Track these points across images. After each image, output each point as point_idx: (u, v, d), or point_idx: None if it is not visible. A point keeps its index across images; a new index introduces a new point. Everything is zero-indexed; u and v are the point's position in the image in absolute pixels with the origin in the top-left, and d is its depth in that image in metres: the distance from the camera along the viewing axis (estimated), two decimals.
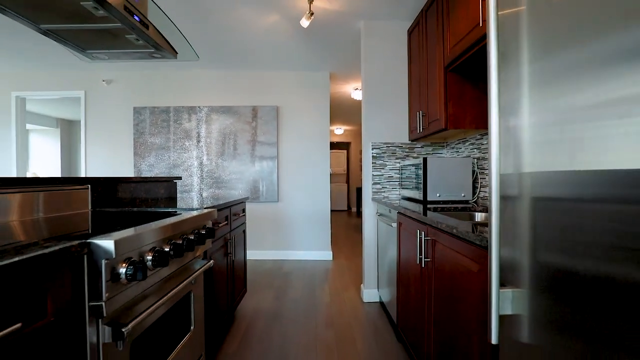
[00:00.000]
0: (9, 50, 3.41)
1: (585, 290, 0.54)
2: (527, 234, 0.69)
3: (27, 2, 1.01)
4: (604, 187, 0.51)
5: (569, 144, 0.57)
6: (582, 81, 0.55)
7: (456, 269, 1.17)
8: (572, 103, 0.57)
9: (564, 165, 0.59)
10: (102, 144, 4.06)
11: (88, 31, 1.21)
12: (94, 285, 0.80)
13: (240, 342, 2.03)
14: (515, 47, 0.72)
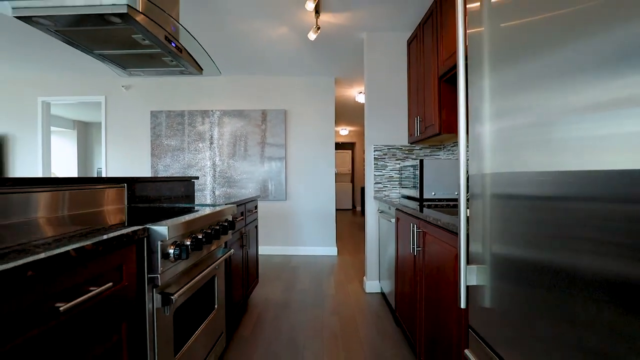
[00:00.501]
0: (36, 59, 3.68)
1: (523, 268, 0.75)
2: (486, 223, 0.90)
3: (89, 36, 1.24)
4: (547, 186, 0.71)
5: (520, 148, 0.78)
6: (527, 93, 0.76)
7: (440, 254, 1.38)
8: (521, 111, 0.78)
9: (515, 167, 0.80)
10: (121, 145, 4.33)
11: (132, 55, 1.45)
12: (151, 261, 1.03)
13: (253, 327, 2.26)
14: (479, 62, 0.91)
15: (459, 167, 0.95)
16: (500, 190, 0.82)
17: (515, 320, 0.76)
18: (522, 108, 0.73)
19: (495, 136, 0.84)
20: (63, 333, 0.70)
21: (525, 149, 0.73)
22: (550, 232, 0.65)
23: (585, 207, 0.55)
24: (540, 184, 0.68)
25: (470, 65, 0.95)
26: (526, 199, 0.72)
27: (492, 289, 0.89)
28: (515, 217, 0.76)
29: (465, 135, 0.92)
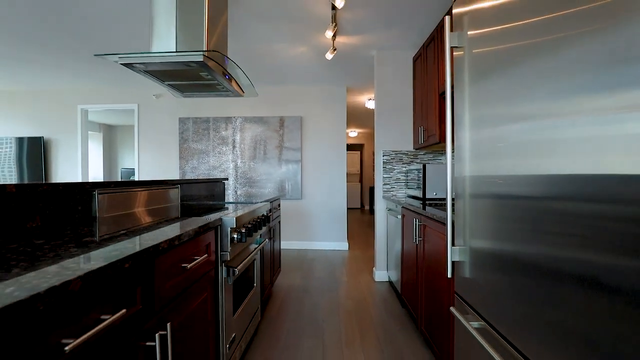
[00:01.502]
0: (75, 70, 4.12)
1: (489, 251, 1.12)
2: (466, 216, 1.27)
3: (167, 73, 1.64)
4: (515, 187, 1.08)
5: (485, 155, 1.15)
6: (490, 107, 1.12)
7: (435, 241, 1.75)
8: (501, 128, 1.14)
9: (483, 171, 1.16)
10: (152, 149, 4.77)
11: (193, 84, 1.85)
12: (222, 243, 1.42)
13: (280, 306, 2.66)
14: (462, 80, 1.27)
15: (447, 172, 1.32)
16: (473, 191, 1.19)
17: (484, 286, 1.12)
18: (486, 121, 1.09)
19: (471, 145, 1.20)
20: (187, 281, 1.10)
21: (485, 156, 1.09)
22: (509, 224, 1.01)
23: (536, 204, 0.92)
24: (497, 185, 1.05)
25: (456, 87, 1.30)
26: (490, 197, 1.09)
27: (469, 264, 1.25)
28: (482, 212, 1.13)
29: (450, 146, 1.28)
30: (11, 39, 3.10)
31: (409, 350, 2.01)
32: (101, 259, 0.72)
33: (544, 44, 0.74)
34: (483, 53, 1.05)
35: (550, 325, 0.72)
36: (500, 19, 0.94)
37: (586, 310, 0.61)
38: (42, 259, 0.73)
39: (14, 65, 3.80)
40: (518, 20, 0.85)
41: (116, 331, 0.74)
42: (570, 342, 0.65)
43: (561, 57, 0.69)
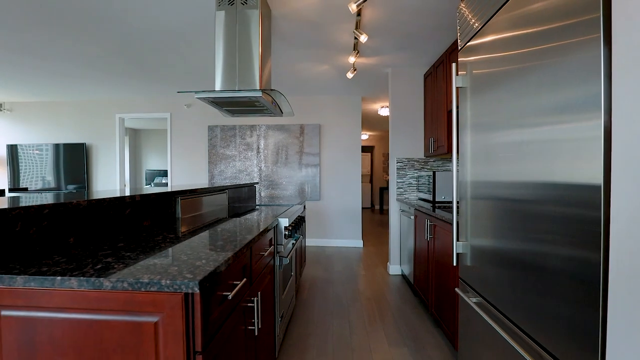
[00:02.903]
0: (114, 82, 4.58)
1: (486, 246, 1.51)
2: (468, 217, 1.65)
3: (228, 102, 2.06)
4: (499, 189, 1.47)
5: (478, 163, 1.54)
6: (495, 128, 1.51)
7: (444, 239, 2.14)
8: (491, 140, 1.53)
9: (486, 177, 1.55)
10: (183, 154, 5.23)
11: (245, 109, 2.27)
12: (278, 238, 1.84)
13: (308, 294, 3.07)
14: (465, 103, 1.66)
15: (452, 178, 1.71)
16: (473, 194, 1.58)
17: (481, 271, 1.52)
18: (479, 129, 1.49)
19: (471, 153, 1.59)
20: (262, 265, 1.51)
21: (479, 162, 1.48)
22: (497, 222, 1.40)
23: (513, 205, 1.31)
24: (487, 188, 1.44)
25: (460, 105, 1.69)
26: (484, 199, 1.48)
27: (470, 255, 1.65)
28: (479, 212, 1.52)
29: (456, 161, 1.68)
30: (77, 62, 3.57)
31: (422, 329, 2.40)
32: (226, 247, 1.14)
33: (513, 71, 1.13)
34: (480, 74, 1.44)
35: (528, 298, 1.11)
36: (490, 52, 1.33)
37: (551, 288, 1.01)
38: (179, 243, 1.15)
39: (62, 80, 4.28)
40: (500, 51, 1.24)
41: (238, 292, 1.16)
42: (540, 308, 1.05)
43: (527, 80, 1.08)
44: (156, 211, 1.70)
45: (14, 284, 0.83)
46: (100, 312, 0.83)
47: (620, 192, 0.69)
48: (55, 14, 2.46)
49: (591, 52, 0.74)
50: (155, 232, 1.45)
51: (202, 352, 0.84)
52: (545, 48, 0.91)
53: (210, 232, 1.45)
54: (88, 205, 1.21)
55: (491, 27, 1.25)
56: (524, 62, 1.03)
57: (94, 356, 0.83)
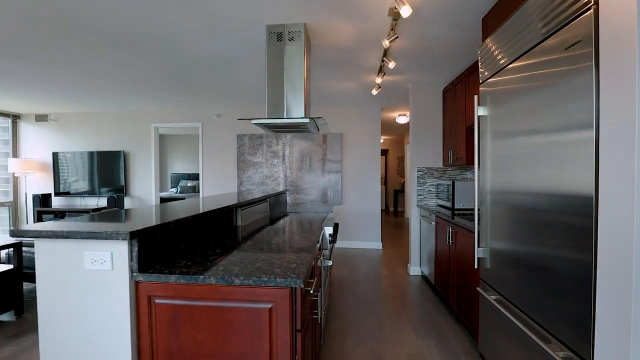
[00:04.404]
0: (153, 96, 4.96)
1: (503, 250, 1.80)
2: (487, 223, 1.94)
3: (278, 125, 2.40)
4: (524, 197, 1.76)
5: (508, 174, 1.83)
6: (513, 138, 1.80)
7: (464, 244, 2.43)
8: (508, 153, 1.83)
9: (505, 185, 1.84)
10: (213, 161, 5.61)
11: (290, 130, 2.60)
12: (323, 242, 2.16)
13: (339, 292, 3.39)
14: (485, 128, 1.95)
15: (474, 189, 2.00)
16: (492, 200, 1.87)
17: (500, 273, 1.81)
18: (498, 147, 1.78)
19: (490, 164, 1.89)
20: (316, 266, 1.84)
21: (498, 173, 1.77)
22: (514, 228, 1.70)
23: (529, 214, 1.61)
24: (505, 195, 1.73)
25: (481, 122, 1.99)
26: (504, 207, 1.77)
27: (489, 259, 1.94)
28: (500, 219, 1.81)
29: (477, 172, 1.98)
30: (123, 79, 3.97)
31: (444, 323, 2.70)
32: (300, 252, 1.47)
33: (522, 89, 1.42)
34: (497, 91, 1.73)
35: (540, 295, 1.41)
36: (510, 83, 1.62)
37: (556, 286, 1.31)
38: (259, 248, 1.49)
39: (106, 94, 4.69)
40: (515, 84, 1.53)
41: (313, 288, 1.48)
42: (549, 303, 1.35)
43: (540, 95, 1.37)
44: (223, 220, 2.05)
45: (168, 281, 1.18)
46: (229, 301, 1.16)
47: (605, 201, 0.98)
48: (111, 42, 2.83)
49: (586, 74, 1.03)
50: (230, 239, 1.79)
51: (299, 330, 1.17)
52: (556, 71, 1.21)
53: (275, 238, 1.78)
54: (191, 219, 1.55)
55: (516, 63, 1.50)
56: (535, 81, 1.32)
57: (224, 332, 1.17)
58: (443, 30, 2.54)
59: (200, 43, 2.80)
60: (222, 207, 1.91)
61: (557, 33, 1.18)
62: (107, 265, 1.19)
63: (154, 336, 1.21)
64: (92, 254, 1.20)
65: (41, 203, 5.69)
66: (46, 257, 1.23)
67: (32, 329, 2.58)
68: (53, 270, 1.23)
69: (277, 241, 1.75)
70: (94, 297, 1.21)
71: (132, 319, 1.21)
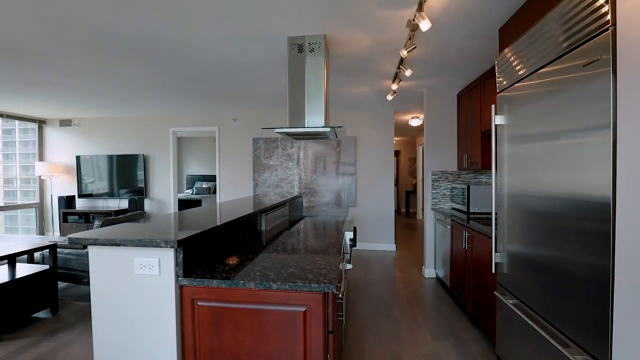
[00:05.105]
0: (172, 101, 5.12)
1: (520, 254, 1.86)
2: (504, 227, 2.00)
3: (300, 134, 2.49)
4: (541, 201, 1.82)
5: (525, 179, 1.88)
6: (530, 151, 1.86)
7: (481, 248, 2.49)
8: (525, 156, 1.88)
9: (521, 190, 1.90)
10: (230, 163, 5.75)
11: (310, 138, 2.69)
12: (344, 246, 2.25)
13: (355, 293, 3.48)
14: (503, 133, 2.00)
15: (490, 193, 2.06)
16: (510, 204, 1.93)
17: (517, 277, 1.87)
18: (515, 152, 1.84)
19: (508, 168, 1.94)
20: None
21: (515, 177, 1.83)
22: (533, 232, 1.76)
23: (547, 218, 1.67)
24: (524, 199, 1.78)
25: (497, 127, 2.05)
26: (522, 212, 1.83)
27: (507, 263, 2.00)
28: (517, 223, 1.87)
29: (495, 177, 2.03)
30: (146, 86, 4.13)
31: (460, 326, 2.76)
32: (327, 257, 1.56)
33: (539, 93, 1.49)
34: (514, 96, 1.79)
35: (558, 299, 1.47)
36: (529, 88, 1.68)
37: (574, 291, 1.37)
38: (287, 253, 1.58)
39: (127, 100, 4.86)
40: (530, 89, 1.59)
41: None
42: (568, 306, 1.41)
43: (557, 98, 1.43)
44: (249, 225, 2.15)
45: (210, 285, 1.28)
46: (266, 304, 1.26)
47: (623, 204, 1.04)
48: (136, 53, 2.97)
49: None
50: (257, 243, 1.89)
51: (331, 332, 1.26)
52: (574, 77, 1.27)
53: (298, 242, 1.88)
54: (224, 225, 1.66)
55: (534, 75, 1.55)
56: (553, 86, 1.38)
57: (262, 333, 1.27)
58: (460, 39, 2.60)
59: (222, 53, 2.92)
60: (249, 214, 2.02)
61: (576, 50, 1.24)
62: (155, 270, 1.31)
63: (197, 336, 1.32)
64: (141, 259, 1.31)
65: (66, 204, 5.92)
66: (99, 262, 1.35)
67: (68, 326, 2.74)
68: (105, 274, 1.35)
69: (302, 246, 1.84)
70: (142, 299, 1.33)
71: (177, 320, 1.32)
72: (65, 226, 5.87)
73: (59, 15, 2.22)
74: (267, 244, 1.89)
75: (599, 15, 1.12)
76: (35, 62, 3.14)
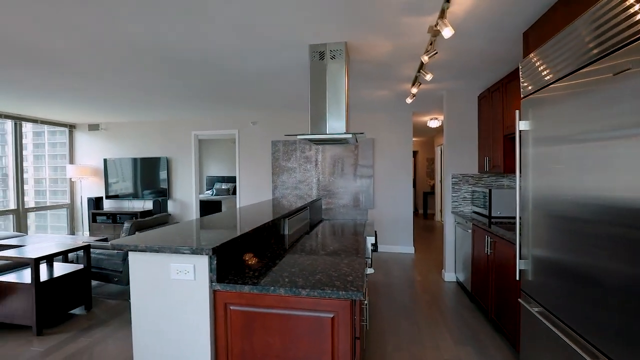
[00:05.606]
0: (195, 106, 5.26)
1: (546, 260, 1.85)
2: (529, 231, 1.98)
3: (321, 140, 2.54)
4: (569, 207, 1.80)
5: (552, 183, 1.87)
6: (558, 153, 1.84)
7: (504, 254, 2.46)
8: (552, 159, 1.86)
9: (548, 195, 1.88)
10: (249, 166, 5.87)
11: (331, 144, 2.74)
12: (366, 251, 2.28)
13: (375, 296, 3.50)
14: (527, 136, 1.99)
15: (513, 197, 2.05)
16: (535, 206, 1.91)
17: (543, 284, 1.85)
18: (540, 155, 1.82)
19: (533, 172, 1.93)
20: None
21: (541, 183, 1.81)
22: (560, 237, 1.74)
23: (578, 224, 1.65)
24: (550, 202, 1.77)
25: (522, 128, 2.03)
26: (549, 216, 1.81)
27: (531, 270, 1.98)
28: (543, 229, 1.85)
29: (519, 182, 2.02)
30: (170, 93, 4.28)
31: (482, 331, 2.74)
32: (352, 264, 1.60)
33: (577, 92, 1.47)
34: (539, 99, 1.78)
35: (587, 309, 1.46)
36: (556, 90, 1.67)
37: (604, 300, 1.36)
38: (310, 257, 1.63)
39: (153, 106, 5.04)
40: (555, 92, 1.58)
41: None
42: (599, 316, 1.40)
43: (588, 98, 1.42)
44: (273, 230, 2.22)
45: (242, 290, 1.35)
46: (295, 309, 1.31)
47: None
48: (163, 62, 3.09)
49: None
50: (282, 248, 1.95)
51: (358, 337, 1.30)
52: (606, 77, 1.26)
53: (321, 247, 1.92)
54: (252, 232, 1.73)
55: (564, 79, 1.52)
56: (583, 87, 1.36)
57: (291, 337, 1.32)
58: (482, 43, 2.58)
59: (245, 61, 3.00)
60: (274, 219, 2.08)
61: (607, 57, 1.22)
62: (190, 275, 1.38)
63: (229, 338, 1.39)
64: (178, 265, 1.39)
65: (95, 205, 6.19)
66: (139, 267, 1.44)
67: (101, 323, 2.89)
68: (144, 278, 1.44)
69: (326, 251, 1.89)
70: (178, 303, 1.41)
71: (211, 323, 1.39)
72: (94, 226, 6.14)
73: (94, 29, 2.34)
74: (290, 248, 1.95)
75: (635, 21, 1.10)
76: (68, 72, 3.32)
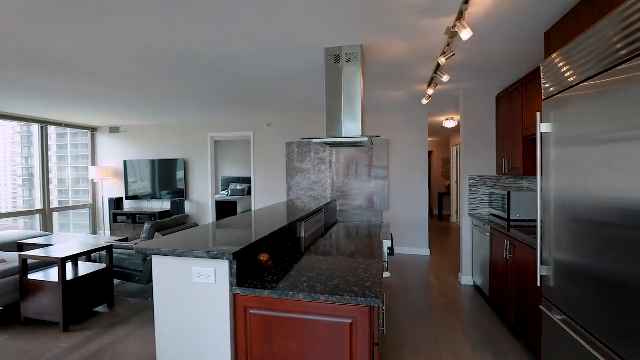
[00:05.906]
0: (211, 109, 5.34)
1: (569, 266, 1.80)
2: (551, 236, 1.93)
3: (338, 143, 2.55)
4: (591, 209, 1.76)
5: (575, 185, 1.82)
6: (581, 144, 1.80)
7: (524, 258, 2.41)
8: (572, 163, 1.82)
9: (571, 198, 1.83)
10: (264, 167, 5.93)
11: (347, 147, 2.74)
12: (383, 255, 2.28)
13: (391, 300, 3.48)
14: (549, 138, 1.94)
15: (533, 200, 2.00)
16: (557, 209, 1.86)
17: (565, 291, 1.81)
18: (563, 156, 1.77)
19: (555, 175, 1.88)
20: None
21: (564, 185, 1.77)
22: (588, 244, 1.70)
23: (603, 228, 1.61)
24: (573, 206, 1.72)
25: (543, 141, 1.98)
26: (573, 220, 1.76)
27: (553, 277, 1.93)
28: (566, 233, 1.81)
29: (540, 185, 1.97)
30: (188, 97, 4.37)
31: (500, 337, 2.69)
32: (370, 269, 1.60)
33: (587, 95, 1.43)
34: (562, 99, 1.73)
35: (614, 317, 1.42)
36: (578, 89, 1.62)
37: (632, 309, 1.32)
38: (327, 260, 1.64)
39: (171, 109, 5.15)
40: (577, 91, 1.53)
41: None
42: (626, 326, 1.36)
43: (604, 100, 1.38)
44: (290, 233, 2.24)
45: (262, 295, 1.37)
46: (314, 314, 1.33)
47: None
48: (178, 66, 3.15)
49: None
50: (299, 251, 1.97)
51: (377, 344, 1.30)
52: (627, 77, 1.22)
53: (338, 251, 1.93)
54: (270, 236, 1.75)
55: (589, 81, 1.47)
56: (608, 86, 1.32)
57: (310, 342, 1.33)
58: (501, 44, 2.53)
59: (261, 65, 3.04)
60: (291, 222, 2.10)
61: (637, 58, 1.19)
62: (211, 279, 1.41)
63: (249, 341, 1.41)
64: (199, 269, 1.43)
65: (115, 206, 6.38)
66: (162, 270, 1.48)
67: (123, 321, 2.98)
68: (167, 280, 1.48)
69: (343, 255, 1.90)
70: (199, 306, 1.44)
71: (231, 326, 1.42)
72: (115, 226, 6.33)
73: (119, 38, 2.42)
74: (306, 251, 1.96)
75: None
76: (92, 79, 3.43)
